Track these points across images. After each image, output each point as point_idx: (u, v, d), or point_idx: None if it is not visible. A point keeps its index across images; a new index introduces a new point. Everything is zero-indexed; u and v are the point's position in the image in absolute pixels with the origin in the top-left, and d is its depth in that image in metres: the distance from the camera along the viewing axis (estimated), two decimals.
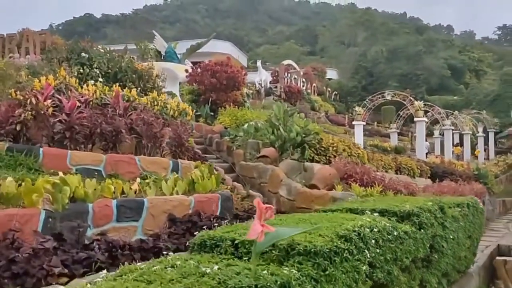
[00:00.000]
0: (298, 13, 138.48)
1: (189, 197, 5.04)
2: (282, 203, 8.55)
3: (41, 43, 21.54)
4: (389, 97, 22.77)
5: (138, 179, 5.19)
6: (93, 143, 6.57)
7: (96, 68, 10.35)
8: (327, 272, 2.19)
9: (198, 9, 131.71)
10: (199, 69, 17.29)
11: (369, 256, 2.60)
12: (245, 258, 2.29)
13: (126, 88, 9.47)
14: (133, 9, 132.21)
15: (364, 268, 2.51)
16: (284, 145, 8.97)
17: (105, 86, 8.34)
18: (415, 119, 21.22)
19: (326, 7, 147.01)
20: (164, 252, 3.88)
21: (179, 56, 18.70)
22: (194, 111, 16.07)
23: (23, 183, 4.33)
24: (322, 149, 9.48)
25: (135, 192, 4.94)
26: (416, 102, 21.55)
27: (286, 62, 39.80)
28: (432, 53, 52.00)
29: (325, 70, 45.75)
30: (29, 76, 8.09)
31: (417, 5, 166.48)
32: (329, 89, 44.14)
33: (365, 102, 23.42)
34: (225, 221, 4.84)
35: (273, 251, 2.27)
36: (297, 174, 9.51)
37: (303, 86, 38.91)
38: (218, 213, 5.25)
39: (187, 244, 2.90)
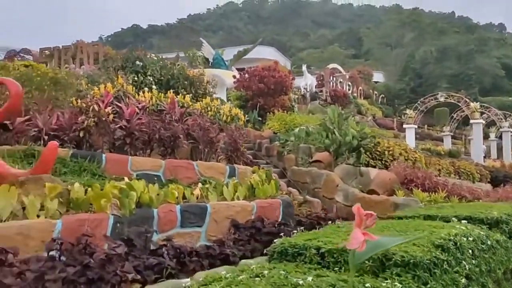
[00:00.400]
0: (341, 16, 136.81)
1: (250, 202, 4.94)
2: (338, 209, 8.31)
3: (94, 53, 22.46)
4: (442, 99, 21.86)
5: (200, 184, 5.15)
6: (151, 148, 6.64)
7: (150, 75, 10.55)
8: (428, 286, 2.00)
9: (241, 16, 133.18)
10: (246, 75, 17.32)
11: (466, 268, 2.37)
12: (335, 268, 2.13)
13: (180, 94, 9.58)
14: (177, 18, 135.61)
15: (462, 281, 2.28)
16: (339, 150, 8.73)
17: (159, 93, 8.45)
18: (471, 121, 20.23)
19: (369, 9, 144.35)
20: (231, 259, 3.79)
21: (226, 62, 18.84)
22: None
23: (89, 188, 4.39)
24: (378, 153, 9.15)
25: (197, 198, 4.89)
26: (472, 104, 20.56)
27: (331, 66, 39.27)
28: (484, 52, 49.68)
29: (371, 73, 44.73)
30: (88, 85, 8.33)
31: (465, 5, 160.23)
32: (375, 92, 43.12)
33: (416, 104, 22.59)
34: (289, 227, 4.70)
35: (366, 262, 2.10)
36: (353, 179, 9.23)
37: (349, 89, 38.21)
38: (280, 219, 5.11)
39: (265, 251, 2.78)
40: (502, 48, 51.83)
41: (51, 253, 3.33)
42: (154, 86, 10.39)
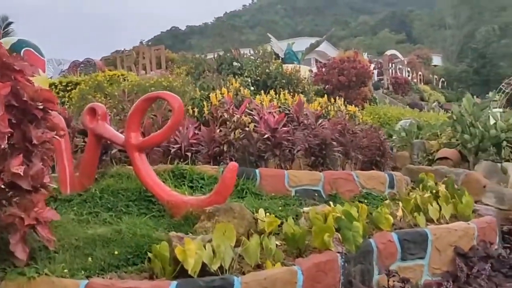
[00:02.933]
0: (380, 1, 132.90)
1: (471, 224, 4.05)
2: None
3: (156, 58, 22.16)
4: None
5: (401, 204, 4.30)
6: (292, 159, 5.86)
7: (247, 76, 9.85)
8: None
9: (277, 10, 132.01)
10: (324, 69, 16.41)
11: None
12: None
13: (282, 93, 8.77)
14: (214, 17, 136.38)
15: None
16: (481, 145, 7.64)
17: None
18: None
19: None
20: None
21: (298, 56, 18.01)
22: None
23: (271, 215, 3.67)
24: None
25: (400, 220, 4.06)
26: None
27: (389, 52, 37.57)
28: None
29: (430, 56, 42.49)
30: (201, 92, 7.70)
31: None
32: (435, 76, 40.95)
33: (500, 86, 20.85)
34: None
35: None
36: (495, 177, 8.13)
37: (408, 76, 36.43)
38: (498, 242, 4.20)
39: None
40: None
41: None
42: (252, 87, 9.69)
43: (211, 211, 3.67)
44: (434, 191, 4.92)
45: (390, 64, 35.78)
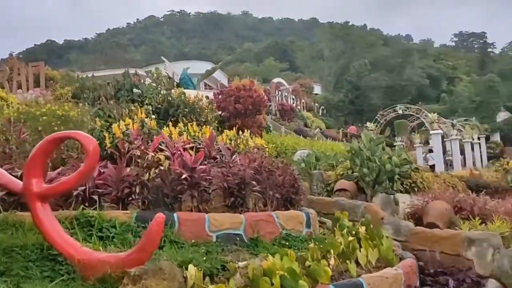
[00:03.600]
0: (263, 29, 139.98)
1: (397, 270, 4.10)
2: None
3: (33, 75, 19.89)
4: (400, 111, 22.48)
5: (332, 252, 4.20)
6: (207, 200, 5.52)
7: (148, 104, 9.28)
8: None
9: (163, 31, 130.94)
10: (220, 96, 16.33)
11: None
12: None
13: (190, 125, 8.41)
14: (96, 33, 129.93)
15: None
16: (378, 178, 8.15)
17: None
18: (431, 131, 20.96)
19: (289, 22, 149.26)
20: None
21: (193, 82, 17.72)
22: None
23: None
24: (411, 180, 8.74)
25: (333, 269, 3.97)
26: (430, 115, 21.32)
27: (276, 80, 39.32)
28: (410, 63, 52.91)
29: (312, 85, 45.56)
30: (102, 122, 6.97)
31: (369, 16, 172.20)
32: (316, 104, 43.93)
33: (376, 117, 23.03)
34: None
35: None
36: (389, 208, 8.71)
37: (293, 103, 38.48)
38: (418, 283, 4.34)
39: None
40: (424, 59, 55.63)
41: None
42: (153, 116, 9.15)
43: (137, 273, 3.17)
44: (353, 231, 4.98)
45: (277, 92, 37.40)
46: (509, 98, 46.30)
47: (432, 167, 22.34)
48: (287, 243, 5.02)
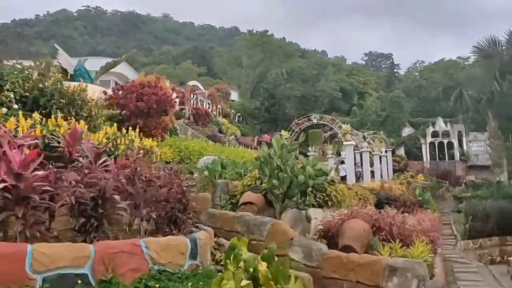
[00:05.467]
0: (183, 34, 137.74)
1: None
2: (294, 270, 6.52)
3: None
4: (315, 121, 22.04)
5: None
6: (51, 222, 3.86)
7: (9, 90, 7.26)
8: None
9: (76, 26, 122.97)
10: (120, 92, 14.37)
11: None
12: None
13: (53, 117, 6.58)
14: None
15: None
16: (289, 191, 6.96)
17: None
18: (345, 143, 20.72)
19: (210, 29, 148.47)
20: None
21: (91, 75, 15.51)
22: None
23: None
24: (324, 193, 7.68)
25: None
26: (343, 126, 21.12)
27: (191, 83, 37.56)
28: (324, 75, 54.15)
29: (229, 91, 44.43)
30: None
31: (287, 30, 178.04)
32: (233, 110, 42.92)
33: (291, 125, 22.37)
34: None
35: None
36: (299, 226, 7.55)
37: (208, 107, 37.05)
38: None
39: None
40: (338, 73, 57.29)
41: None
42: (15, 105, 7.17)
43: None
44: (251, 267, 3.62)
45: (192, 95, 35.73)
46: (412, 114, 49.12)
47: (343, 179, 22.21)
48: (157, 285, 3.52)
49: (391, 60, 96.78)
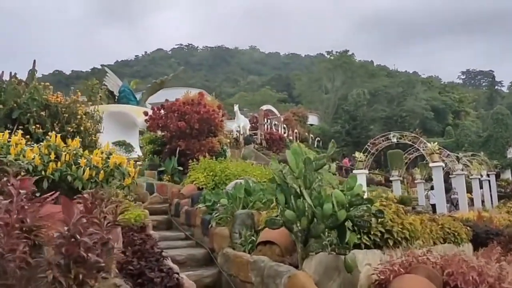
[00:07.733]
0: (269, 63, 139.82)
1: None
2: None
3: None
4: (394, 139, 19.07)
5: None
6: None
7: None
8: None
9: (170, 63, 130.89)
10: (162, 111, 13.11)
11: None
12: None
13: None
14: (101, 65, 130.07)
15: None
16: (312, 228, 4.69)
17: None
18: (431, 164, 17.41)
19: (295, 57, 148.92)
20: None
21: (137, 97, 14.56)
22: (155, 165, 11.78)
23: None
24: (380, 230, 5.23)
25: None
26: (429, 144, 17.88)
27: (265, 107, 36.25)
28: (412, 94, 49.84)
29: (307, 115, 42.37)
30: None
31: (377, 54, 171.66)
32: (311, 135, 40.64)
33: (366, 146, 19.61)
34: None
35: None
36: (336, 278, 5.14)
37: (284, 132, 35.26)
38: None
39: None
40: (428, 91, 52.49)
41: None
42: None
43: None
44: None
45: (265, 119, 34.34)
46: None
47: (434, 207, 18.76)
48: None
49: (492, 78, 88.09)
